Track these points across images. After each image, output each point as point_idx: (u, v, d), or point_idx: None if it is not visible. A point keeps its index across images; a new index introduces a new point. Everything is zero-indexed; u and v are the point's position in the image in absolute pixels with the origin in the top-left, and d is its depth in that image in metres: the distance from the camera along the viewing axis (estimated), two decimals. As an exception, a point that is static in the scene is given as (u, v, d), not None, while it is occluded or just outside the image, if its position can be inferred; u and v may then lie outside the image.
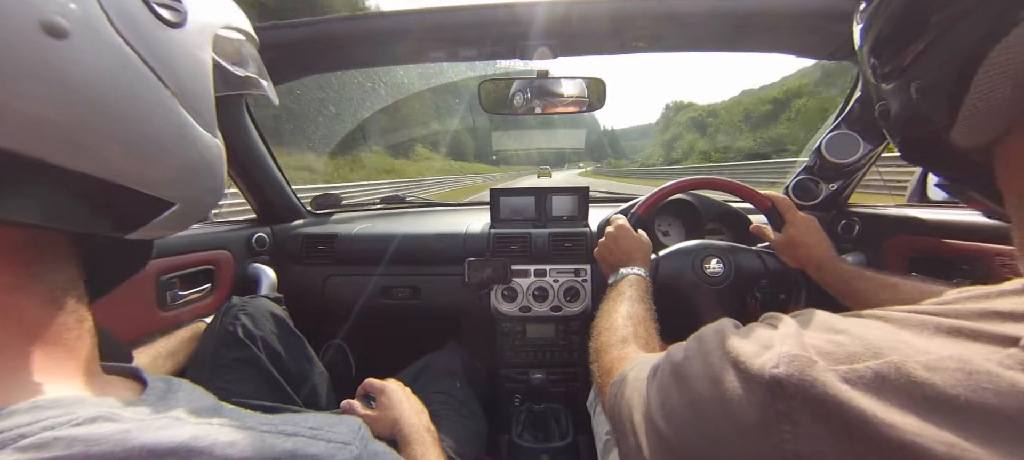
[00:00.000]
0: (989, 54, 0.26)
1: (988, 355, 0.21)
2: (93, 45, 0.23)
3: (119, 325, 0.79)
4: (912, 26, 0.31)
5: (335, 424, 0.29)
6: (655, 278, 0.86)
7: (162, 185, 0.29)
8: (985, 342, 0.22)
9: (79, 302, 0.29)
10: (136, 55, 0.26)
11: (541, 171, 73.48)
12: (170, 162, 0.29)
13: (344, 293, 1.18)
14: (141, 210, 0.30)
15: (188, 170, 0.31)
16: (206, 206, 0.35)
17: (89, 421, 0.21)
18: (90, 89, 0.24)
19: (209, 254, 1.01)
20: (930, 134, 0.33)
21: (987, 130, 0.29)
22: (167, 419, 0.24)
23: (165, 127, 0.28)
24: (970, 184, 0.36)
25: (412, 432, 0.62)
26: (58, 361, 0.26)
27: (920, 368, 0.21)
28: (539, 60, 0.92)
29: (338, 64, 1.02)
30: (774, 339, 0.27)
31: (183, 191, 0.31)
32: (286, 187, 1.23)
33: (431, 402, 0.75)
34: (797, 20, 0.81)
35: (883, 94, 0.37)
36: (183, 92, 0.29)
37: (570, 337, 1.15)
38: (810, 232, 0.77)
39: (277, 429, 0.26)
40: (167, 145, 0.29)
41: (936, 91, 0.31)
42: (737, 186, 0.89)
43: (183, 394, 0.29)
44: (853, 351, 0.24)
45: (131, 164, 0.27)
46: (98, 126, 0.24)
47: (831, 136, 1.00)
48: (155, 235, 0.33)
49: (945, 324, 0.24)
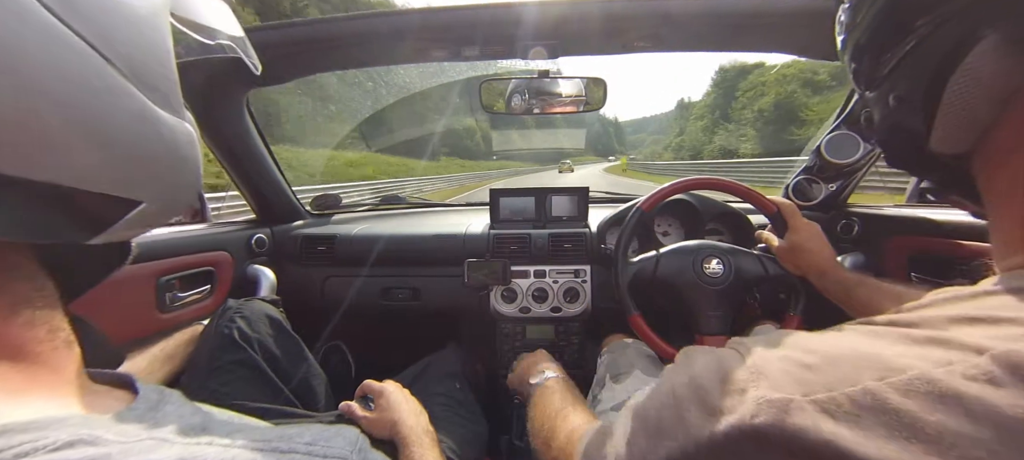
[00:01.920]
0: (959, 65, 0.27)
1: (955, 369, 0.21)
2: (17, 27, 0.19)
3: (118, 327, 0.79)
4: (887, 37, 0.32)
5: (332, 437, 0.28)
6: (655, 275, 0.86)
7: (121, 182, 0.25)
8: (955, 350, 0.22)
9: (51, 311, 0.26)
10: (70, 30, 0.21)
11: (562, 166, 72.67)
12: (128, 155, 0.25)
13: (343, 294, 1.18)
14: (102, 212, 0.25)
15: (151, 162, 0.27)
16: (180, 200, 0.31)
17: (66, 446, 0.19)
18: (16, 78, 0.19)
19: (208, 255, 1.00)
20: (910, 142, 0.33)
21: (961, 139, 0.30)
22: (153, 441, 0.22)
23: (117, 115, 0.24)
24: (952, 189, 0.36)
25: (411, 434, 0.62)
26: (31, 377, 0.23)
27: (894, 393, 0.21)
28: (539, 60, 0.92)
29: (339, 63, 1.02)
30: (747, 381, 0.26)
31: (149, 186, 0.27)
32: (286, 187, 1.23)
33: (430, 403, 0.75)
34: (797, 19, 0.81)
35: (866, 101, 0.38)
36: (136, 72, 0.24)
37: (570, 338, 1.15)
38: (813, 239, 0.77)
39: (271, 446, 0.25)
40: (122, 136, 0.24)
41: (911, 101, 0.31)
42: (743, 189, 0.88)
43: (172, 407, 0.27)
44: (828, 379, 0.24)
45: (82, 163, 0.23)
46: (37, 124, 0.20)
47: (831, 136, 1.00)
48: (125, 237, 0.29)
49: (918, 335, 0.24)
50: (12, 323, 0.24)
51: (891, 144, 0.38)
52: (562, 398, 0.61)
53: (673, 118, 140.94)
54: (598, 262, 1.10)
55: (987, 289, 0.25)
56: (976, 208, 0.34)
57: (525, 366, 0.81)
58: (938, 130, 0.30)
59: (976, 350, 0.21)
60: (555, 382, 0.68)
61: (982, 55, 0.26)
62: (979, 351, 0.21)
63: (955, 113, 0.28)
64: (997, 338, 0.21)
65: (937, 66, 0.28)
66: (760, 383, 0.26)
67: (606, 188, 1.70)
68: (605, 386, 0.83)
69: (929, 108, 0.29)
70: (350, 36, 0.88)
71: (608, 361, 0.90)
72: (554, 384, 0.67)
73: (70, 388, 0.25)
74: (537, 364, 0.78)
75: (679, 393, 0.30)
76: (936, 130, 0.30)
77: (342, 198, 1.46)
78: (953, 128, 0.29)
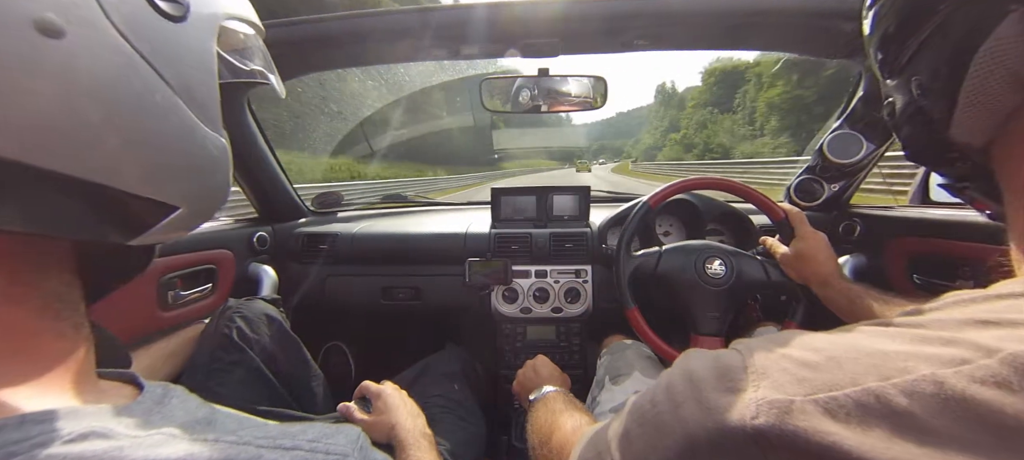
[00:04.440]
0: (982, 44, 0.26)
1: (963, 371, 0.20)
2: (90, 43, 0.22)
3: (120, 326, 0.79)
4: (911, 21, 0.31)
5: (333, 435, 0.28)
6: (656, 271, 0.86)
7: (166, 188, 0.28)
8: (966, 351, 0.21)
9: (75, 308, 0.28)
10: (136, 53, 0.24)
11: (579, 165, 72.27)
12: (174, 164, 0.28)
13: (344, 293, 1.18)
14: (144, 214, 0.28)
15: (193, 172, 0.30)
16: (212, 208, 0.34)
17: (81, 437, 0.21)
18: (88, 90, 0.22)
19: (210, 253, 1.01)
20: (931, 131, 0.33)
21: (983, 126, 0.29)
22: (161, 435, 0.23)
23: (168, 128, 0.27)
24: (971, 183, 0.35)
25: (408, 437, 0.62)
26: (50, 371, 0.25)
27: (898, 394, 0.21)
28: (540, 58, 0.92)
29: (339, 62, 1.02)
30: (748, 381, 0.26)
31: (188, 194, 0.30)
32: (287, 185, 1.23)
33: (429, 405, 0.75)
34: (797, 19, 0.80)
35: (888, 91, 0.37)
36: (187, 90, 0.27)
37: (570, 339, 1.15)
38: (819, 248, 0.76)
39: (275, 443, 0.25)
40: (170, 147, 0.27)
41: (934, 86, 0.31)
42: (751, 192, 0.88)
43: (177, 402, 0.28)
44: (831, 379, 0.23)
45: (132, 168, 0.25)
46: (97, 129, 0.23)
47: (833, 136, 0.99)
48: (160, 240, 0.31)
49: (928, 335, 0.23)
50: (42, 317, 0.25)
51: (912, 135, 0.36)
52: (562, 406, 0.61)
53: (656, 111, 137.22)
54: (599, 262, 1.09)
55: (1003, 291, 0.24)
56: (995, 207, 0.33)
57: (524, 379, 0.81)
58: (959, 116, 0.29)
59: (987, 352, 0.20)
60: (555, 394, 0.68)
61: (1006, 35, 0.25)
62: (990, 353, 0.20)
63: (976, 97, 0.27)
64: (1011, 340, 0.20)
65: (959, 46, 0.27)
66: (761, 383, 0.25)
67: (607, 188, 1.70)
68: (604, 388, 0.83)
69: (951, 92, 0.29)
70: (349, 35, 0.88)
71: (607, 363, 0.90)
72: (554, 396, 0.67)
73: (84, 383, 0.27)
74: (537, 378, 0.78)
75: (678, 393, 0.29)
76: (957, 116, 0.29)
77: (343, 196, 1.46)
78: (974, 113, 0.28)
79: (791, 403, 0.23)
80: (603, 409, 0.78)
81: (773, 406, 0.23)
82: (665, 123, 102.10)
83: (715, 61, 74.02)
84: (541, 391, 0.71)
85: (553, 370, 0.82)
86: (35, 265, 0.25)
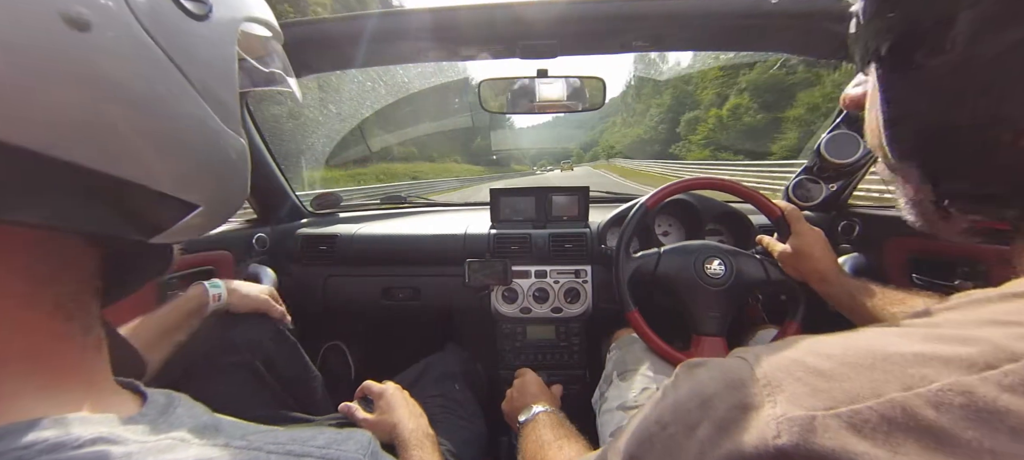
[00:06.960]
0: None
1: (990, 377, 0.19)
2: (116, 38, 0.22)
3: (120, 326, 0.79)
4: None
5: (344, 441, 0.28)
6: (655, 272, 0.86)
7: (187, 186, 0.28)
8: (984, 348, 0.20)
9: (88, 310, 0.27)
10: (160, 49, 0.24)
11: (563, 165, 72.76)
12: (195, 162, 0.28)
13: (344, 293, 1.18)
14: (165, 212, 0.28)
15: (213, 171, 0.30)
16: (231, 208, 0.33)
17: (90, 443, 0.21)
18: (113, 85, 0.22)
19: (210, 254, 1.01)
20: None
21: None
22: (171, 441, 0.23)
23: (190, 125, 0.27)
24: None
25: (411, 436, 0.62)
26: (61, 375, 0.24)
27: (925, 406, 0.20)
28: (538, 59, 0.92)
29: (338, 63, 1.02)
30: (762, 396, 0.24)
31: (208, 193, 0.30)
32: (287, 186, 1.23)
33: (430, 405, 0.75)
34: (797, 20, 0.80)
35: None
36: (208, 89, 0.27)
37: (570, 339, 1.15)
38: (816, 245, 0.76)
39: (285, 449, 0.25)
40: (192, 144, 0.27)
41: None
42: (748, 191, 0.88)
43: (183, 410, 0.28)
44: (850, 389, 0.22)
45: (154, 164, 0.25)
46: (121, 124, 0.23)
47: (831, 136, 1.00)
48: (178, 239, 0.30)
49: (946, 334, 0.22)
50: (53, 318, 0.25)
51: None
52: (554, 432, 0.61)
53: (628, 103, 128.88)
54: (599, 262, 1.09)
55: (1018, 291, 0.24)
56: None
57: (512, 400, 0.81)
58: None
59: (1012, 355, 0.20)
60: (545, 415, 0.68)
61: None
62: (1015, 357, 0.19)
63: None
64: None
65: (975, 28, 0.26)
66: (776, 397, 0.23)
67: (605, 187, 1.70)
68: (612, 383, 0.83)
69: None
70: (347, 36, 0.88)
71: (616, 357, 0.89)
72: (544, 418, 0.67)
73: (92, 388, 0.26)
74: (524, 398, 0.77)
75: (689, 412, 0.27)
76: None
77: (342, 198, 1.46)
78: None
79: (813, 419, 0.22)
80: (611, 406, 0.78)
81: (794, 423, 0.22)
82: (653, 112, 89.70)
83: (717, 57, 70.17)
84: (530, 411, 0.70)
85: (541, 388, 0.81)
86: (51, 264, 0.25)
